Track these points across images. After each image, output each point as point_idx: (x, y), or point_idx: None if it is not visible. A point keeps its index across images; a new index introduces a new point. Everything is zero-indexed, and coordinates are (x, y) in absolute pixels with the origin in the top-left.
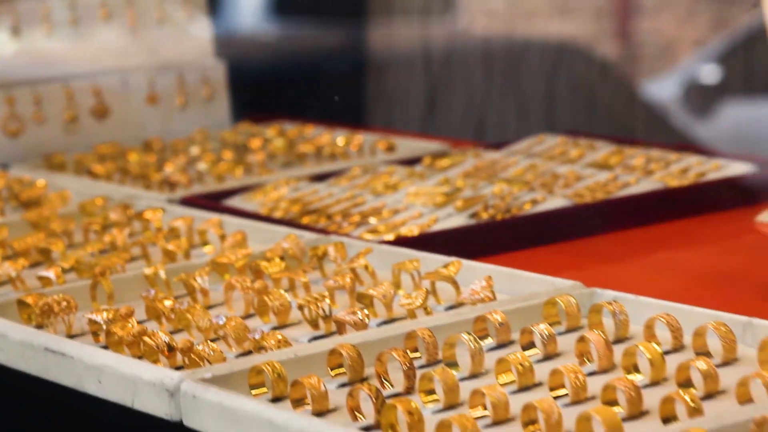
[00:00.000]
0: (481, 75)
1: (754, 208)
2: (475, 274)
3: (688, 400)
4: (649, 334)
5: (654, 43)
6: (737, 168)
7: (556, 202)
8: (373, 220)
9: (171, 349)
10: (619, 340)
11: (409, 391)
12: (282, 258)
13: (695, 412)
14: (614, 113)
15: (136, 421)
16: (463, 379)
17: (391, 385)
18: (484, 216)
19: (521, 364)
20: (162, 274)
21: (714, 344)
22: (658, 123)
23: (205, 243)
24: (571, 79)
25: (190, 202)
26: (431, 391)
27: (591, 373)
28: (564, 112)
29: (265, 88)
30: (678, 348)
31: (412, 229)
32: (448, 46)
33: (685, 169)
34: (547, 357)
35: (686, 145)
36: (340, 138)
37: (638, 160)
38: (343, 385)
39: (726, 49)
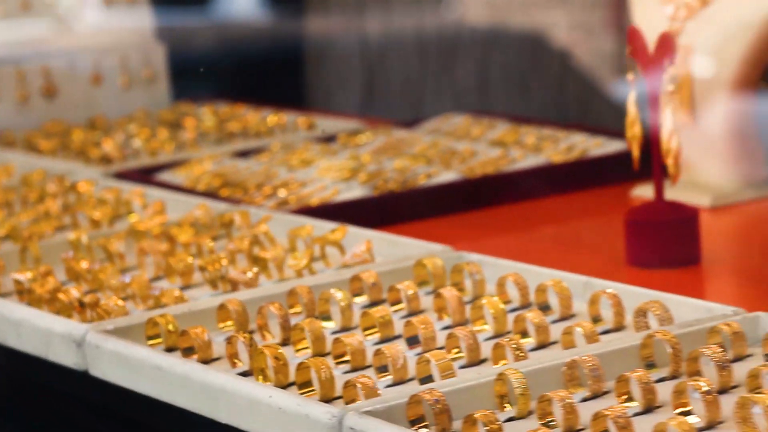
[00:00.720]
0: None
1: (632, 182)
2: (360, 239)
3: (514, 346)
4: (500, 292)
5: None
6: (617, 146)
7: (448, 176)
8: (282, 192)
9: (83, 305)
10: (477, 298)
11: (285, 341)
12: (193, 225)
13: (520, 356)
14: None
15: (55, 375)
16: (335, 332)
17: (272, 336)
18: (383, 188)
19: (382, 317)
20: (84, 239)
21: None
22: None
23: (129, 212)
24: (505, 66)
25: (123, 175)
26: (303, 341)
27: (447, 327)
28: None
29: (209, 72)
30: (525, 304)
31: (315, 200)
32: (441, 34)
33: (572, 147)
34: (411, 312)
35: (576, 124)
36: (270, 117)
37: (530, 138)
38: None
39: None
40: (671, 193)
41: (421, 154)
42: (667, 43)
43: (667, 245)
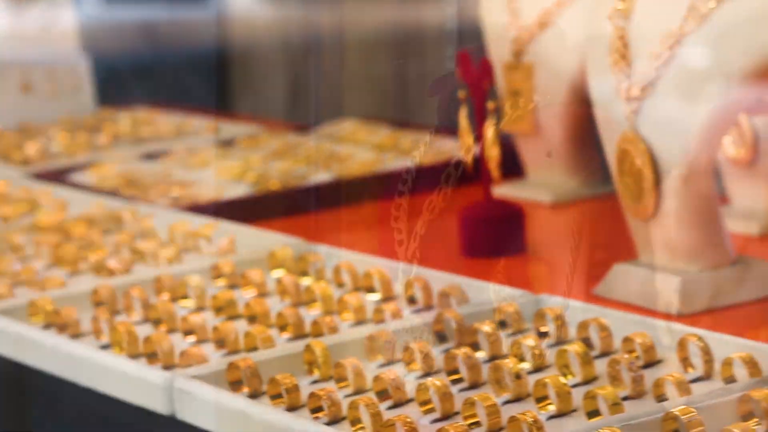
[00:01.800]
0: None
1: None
2: (228, 233)
3: (329, 323)
4: (336, 277)
5: None
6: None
7: (324, 176)
8: (175, 192)
9: None
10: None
11: (146, 320)
12: (87, 221)
13: (331, 331)
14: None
15: None
16: (192, 312)
17: (137, 315)
18: (264, 188)
19: (228, 299)
20: None
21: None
22: None
23: (37, 209)
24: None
25: (41, 176)
26: (160, 320)
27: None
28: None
29: (135, 77)
30: (356, 288)
31: (203, 199)
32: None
33: (441, 150)
34: (260, 295)
35: (449, 128)
36: (179, 122)
37: (406, 142)
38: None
39: None
40: (520, 192)
41: (305, 157)
42: (486, 67)
43: (491, 238)
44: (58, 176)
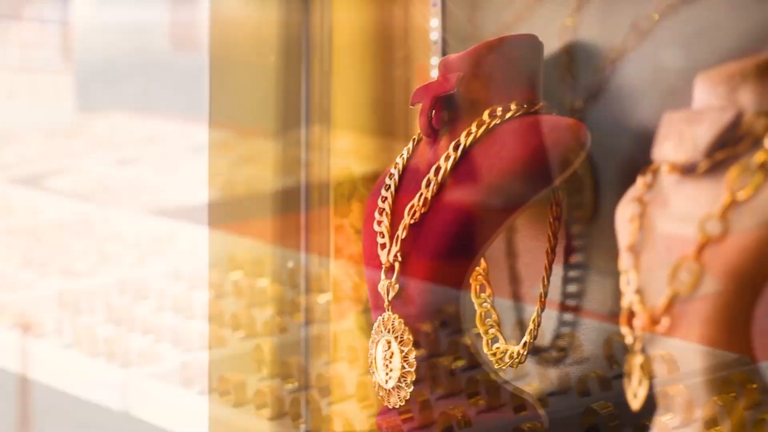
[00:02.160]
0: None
1: None
2: (196, 237)
3: (278, 323)
4: (292, 279)
5: None
6: None
7: (286, 181)
8: (146, 196)
9: None
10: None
11: (109, 320)
12: (60, 225)
13: (281, 331)
14: None
15: None
16: (152, 312)
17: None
18: (231, 193)
19: (185, 299)
20: None
21: None
22: None
23: (11, 213)
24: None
25: (19, 181)
26: (121, 321)
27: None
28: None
29: (114, 83)
30: (310, 290)
31: (173, 203)
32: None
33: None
34: (218, 295)
35: None
36: (154, 127)
37: (367, 148)
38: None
39: None
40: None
41: (272, 162)
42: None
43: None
44: (34, 181)
